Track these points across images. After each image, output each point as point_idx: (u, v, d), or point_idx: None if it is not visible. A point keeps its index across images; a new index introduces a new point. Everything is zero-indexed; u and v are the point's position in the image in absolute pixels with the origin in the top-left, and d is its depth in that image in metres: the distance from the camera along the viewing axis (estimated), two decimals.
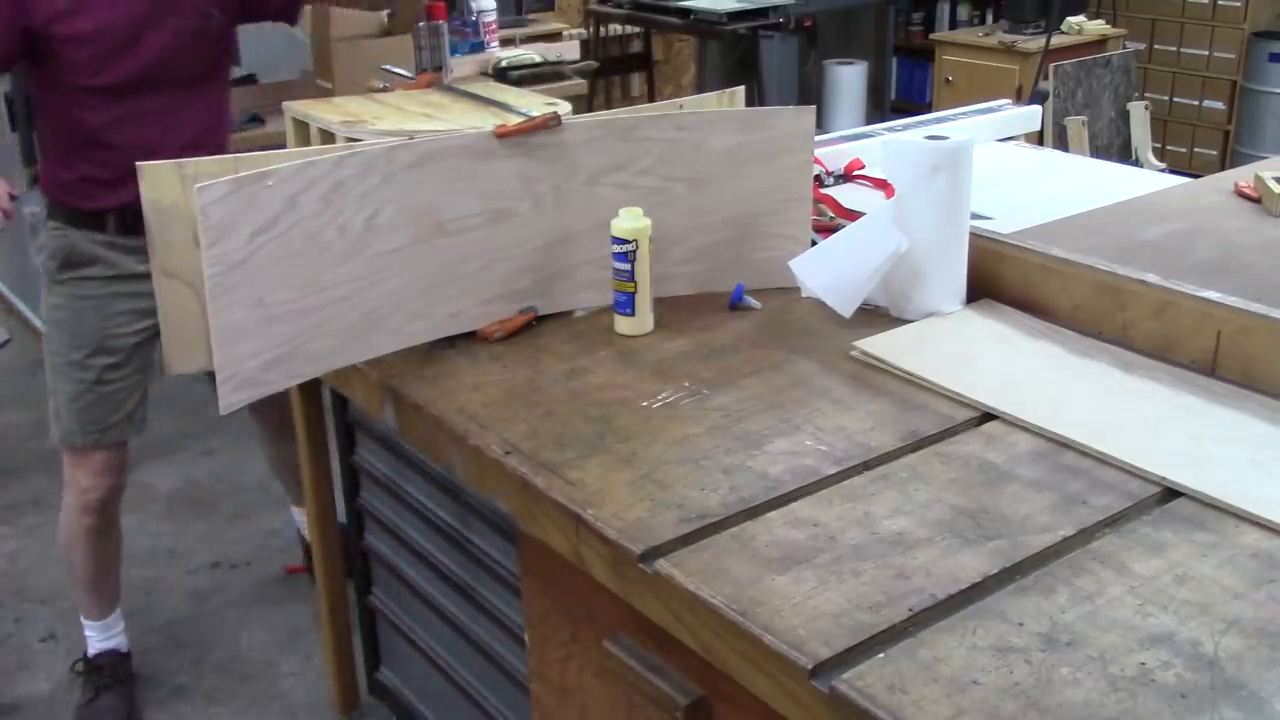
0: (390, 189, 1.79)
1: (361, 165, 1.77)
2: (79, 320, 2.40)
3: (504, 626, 1.88)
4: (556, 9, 5.88)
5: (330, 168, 1.75)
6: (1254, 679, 1.11)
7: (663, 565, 1.31)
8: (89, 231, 2.37)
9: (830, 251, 1.91)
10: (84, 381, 2.41)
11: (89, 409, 2.43)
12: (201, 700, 2.67)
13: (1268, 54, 5.64)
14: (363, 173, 1.77)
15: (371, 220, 1.78)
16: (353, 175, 1.76)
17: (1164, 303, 1.72)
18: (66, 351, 2.40)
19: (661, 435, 1.57)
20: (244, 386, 1.72)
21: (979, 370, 1.70)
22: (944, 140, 1.83)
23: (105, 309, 2.40)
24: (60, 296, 2.40)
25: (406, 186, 1.80)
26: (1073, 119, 4.28)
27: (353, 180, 1.76)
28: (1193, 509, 1.38)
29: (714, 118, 1.97)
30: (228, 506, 3.45)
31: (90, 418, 2.43)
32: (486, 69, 4.10)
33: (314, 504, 2.40)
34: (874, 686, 1.11)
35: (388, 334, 1.84)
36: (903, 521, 1.37)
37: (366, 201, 1.77)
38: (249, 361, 1.71)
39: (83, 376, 2.41)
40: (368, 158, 1.78)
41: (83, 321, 2.40)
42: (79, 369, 2.40)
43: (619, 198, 1.91)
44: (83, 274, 2.38)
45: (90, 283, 2.39)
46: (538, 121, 1.87)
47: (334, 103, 2.17)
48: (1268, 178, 2.29)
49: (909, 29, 6.64)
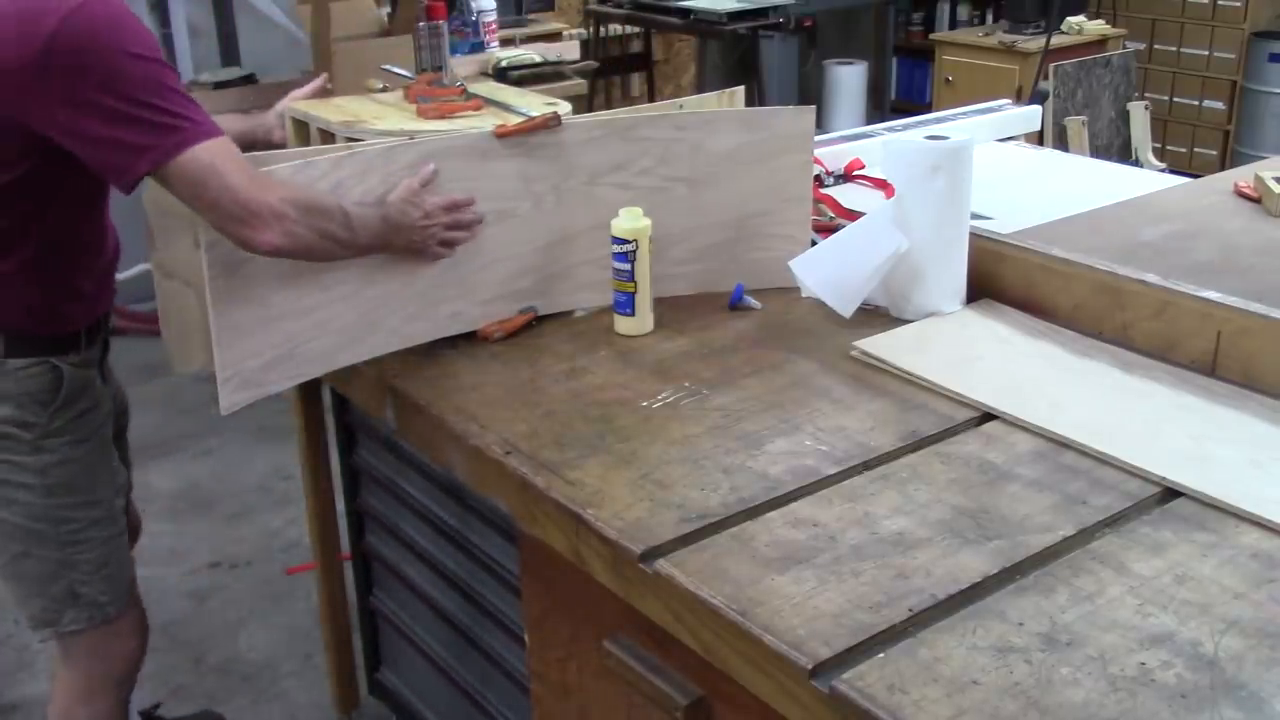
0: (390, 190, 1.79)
1: (361, 166, 1.77)
2: (88, 470, 1.92)
3: (504, 626, 1.88)
4: (556, 9, 5.87)
5: (329, 168, 1.75)
6: (1254, 679, 1.11)
7: (663, 565, 1.31)
8: (67, 355, 1.87)
9: (830, 251, 1.91)
10: (111, 539, 1.97)
11: (119, 566, 2.00)
12: (202, 700, 2.67)
13: (1268, 54, 5.64)
14: (362, 173, 1.77)
15: None
16: (351, 175, 1.76)
17: (1164, 303, 1.72)
18: (81, 512, 1.92)
19: (661, 435, 1.57)
20: (244, 387, 1.71)
21: (979, 370, 1.70)
22: (944, 140, 1.83)
23: (105, 441, 1.97)
24: (54, 451, 1.87)
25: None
26: (1073, 119, 4.28)
27: (351, 180, 1.76)
28: (1193, 509, 1.38)
29: (714, 118, 1.97)
30: (228, 506, 3.45)
31: (120, 575, 2.01)
32: (486, 69, 4.10)
33: (314, 504, 2.39)
34: (874, 686, 1.11)
35: (387, 334, 1.84)
36: (903, 521, 1.36)
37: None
38: (249, 361, 1.71)
39: (109, 533, 1.97)
40: (367, 158, 1.78)
41: (93, 469, 1.93)
42: (103, 526, 1.95)
43: (619, 198, 1.90)
44: (78, 409, 1.89)
45: (84, 419, 1.91)
46: (538, 121, 1.87)
47: (334, 103, 2.17)
48: (1268, 178, 2.29)
49: (909, 29, 6.63)
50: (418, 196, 1.78)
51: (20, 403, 1.83)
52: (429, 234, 1.79)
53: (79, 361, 1.89)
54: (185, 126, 1.62)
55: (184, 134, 1.61)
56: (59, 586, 1.94)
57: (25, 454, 1.85)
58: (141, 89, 1.61)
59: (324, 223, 1.66)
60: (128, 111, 1.60)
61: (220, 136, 1.66)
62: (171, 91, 1.63)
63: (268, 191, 1.61)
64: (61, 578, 1.93)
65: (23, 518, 1.88)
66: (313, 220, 1.64)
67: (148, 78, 1.62)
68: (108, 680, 2.06)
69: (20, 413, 1.83)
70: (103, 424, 1.97)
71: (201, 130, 1.63)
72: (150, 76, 1.62)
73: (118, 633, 2.04)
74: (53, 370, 1.85)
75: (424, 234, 1.79)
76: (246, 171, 1.63)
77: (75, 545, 1.92)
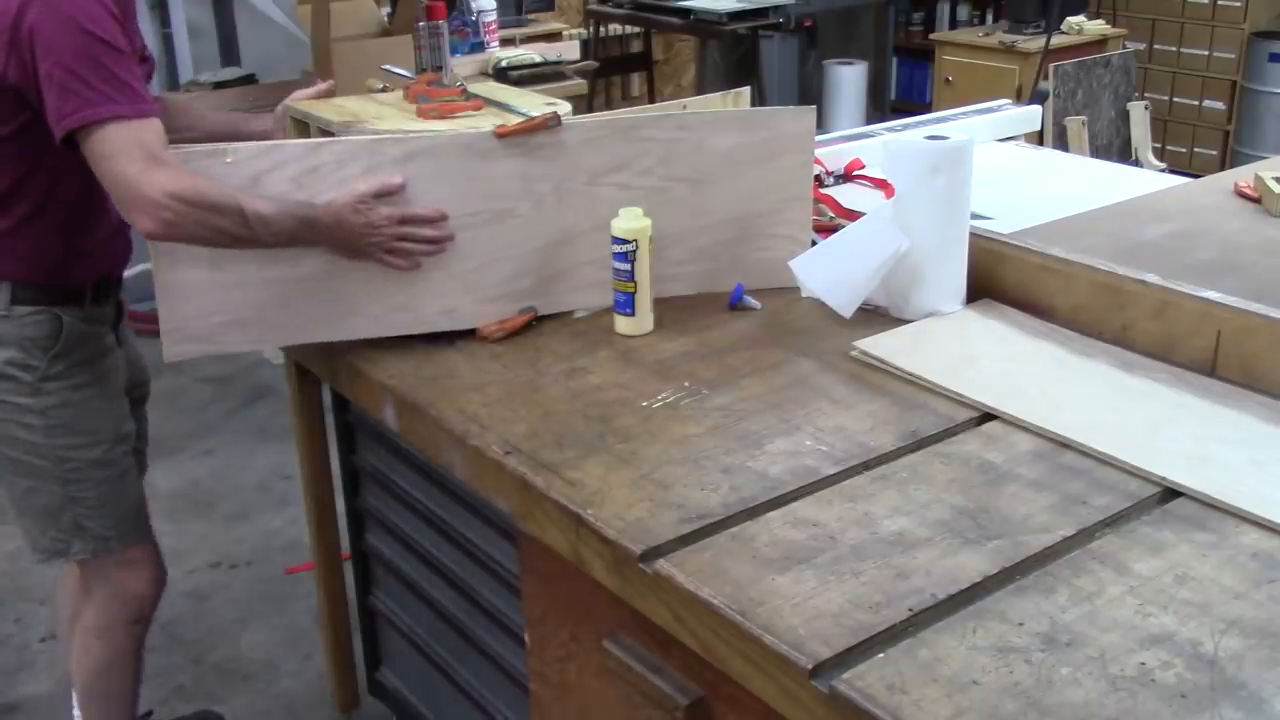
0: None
1: (341, 154, 1.80)
2: (88, 413, 2.04)
3: (504, 626, 1.88)
4: (556, 9, 5.88)
5: (304, 152, 1.79)
6: (1254, 679, 1.11)
7: (663, 565, 1.31)
8: (71, 308, 2.00)
9: (830, 252, 1.91)
10: (110, 479, 2.09)
11: (123, 504, 2.13)
12: (202, 700, 2.67)
13: (1268, 54, 5.64)
14: (341, 160, 1.80)
15: None
16: (330, 162, 1.80)
17: (1164, 303, 1.72)
18: (80, 452, 2.04)
19: (661, 435, 1.57)
20: (190, 340, 1.82)
21: (979, 370, 1.70)
22: (944, 140, 1.83)
23: (106, 390, 2.08)
24: (54, 394, 1.99)
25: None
26: (1073, 119, 4.28)
27: (329, 167, 1.80)
28: (1193, 509, 1.38)
29: (714, 118, 1.97)
30: (228, 506, 3.45)
31: (128, 513, 2.15)
32: (486, 69, 4.11)
33: (314, 504, 2.39)
34: (874, 686, 1.11)
35: (368, 320, 1.87)
36: (903, 521, 1.36)
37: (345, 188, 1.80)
38: (196, 320, 1.81)
39: (108, 474, 2.08)
40: (349, 147, 1.81)
41: (93, 413, 2.05)
42: (100, 467, 2.07)
43: (620, 198, 1.90)
44: (78, 358, 2.02)
45: (85, 367, 2.03)
46: (538, 121, 1.87)
47: (334, 102, 2.17)
48: (1268, 178, 2.29)
49: (909, 29, 6.64)
50: (364, 203, 1.80)
51: (23, 347, 1.96)
52: (372, 242, 1.82)
53: (83, 315, 2.01)
54: (102, 102, 1.73)
55: (98, 109, 1.72)
56: (65, 519, 2.07)
57: (27, 395, 1.98)
58: (75, 59, 1.73)
59: (212, 218, 1.73)
60: (59, 78, 1.73)
61: (141, 121, 1.75)
62: (103, 69, 1.74)
63: (156, 182, 1.71)
64: (67, 510, 2.07)
65: (26, 454, 2.02)
66: (198, 214, 1.72)
67: (85, 51, 1.73)
68: (123, 618, 2.22)
69: (23, 355, 1.97)
70: (107, 375, 2.08)
71: (121, 110, 1.73)
72: (87, 50, 1.73)
73: (130, 564, 2.18)
74: (54, 319, 1.97)
75: (366, 241, 1.81)
76: (148, 158, 1.73)
77: (76, 483, 2.05)
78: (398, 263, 1.85)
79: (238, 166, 1.76)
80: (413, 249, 1.84)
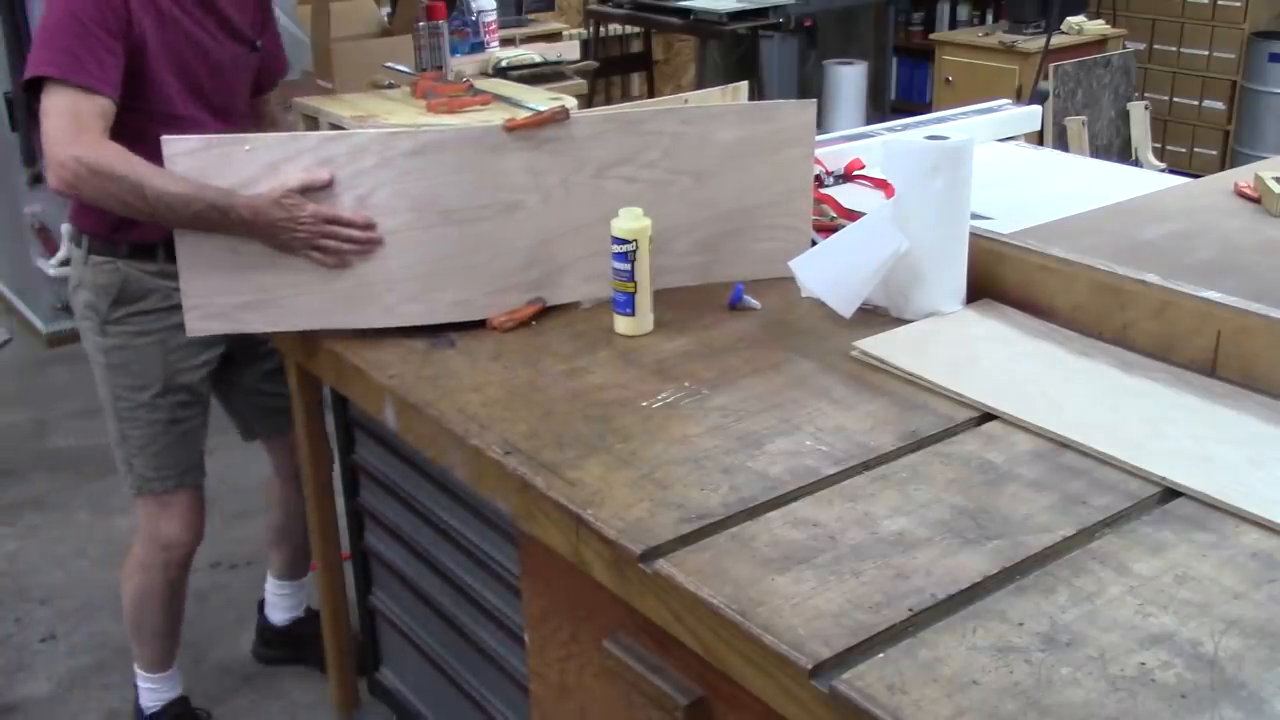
0: (387, 172, 1.84)
1: (354, 147, 1.83)
2: (141, 359, 2.24)
3: (504, 626, 1.88)
4: (556, 9, 5.88)
5: (318, 143, 1.84)
6: (1254, 679, 1.11)
7: (663, 565, 1.31)
8: (139, 262, 2.20)
9: (830, 251, 1.91)
10: (157, 423, 2.28)
11: (166, 451, 2.30)
12: (201, 700, 2.67)
13: (1268, 54, 5.64)
14: (354, 153, 1.83)
15: (365, 199, 1.85)
16: (343, 154, 1.83)
17: (1164, 303, 1.72)
18: (132, 394, 2.25)
19: (661, 435, 1.57)
20: (214, 318, 1.89)
21: (979, 370, 1.70)
22: (944, 140, 1.83)
23: (168, 343, 2.24)
24: (116, 337, 2.23)
25: (405, 172, 1.85)
26: (1073, 119, 4.28)
27: (343, 159, 1.83)
28: (1193, 509, 1.38)
29: (718, 111, 2.00)
30: (228, 506, 3.44)
31: (169, 460, 2.31)
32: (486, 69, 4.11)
33: (314, 504, 2.39)
34: (874, 686, 1.11)
35: (382, 309, 1.89)
36: (903, 521, 1.36)
37: (359, 180, 1.84)
38: (220, 298, 1.87)
39: (154, 418, 2.27)
40: (361, 140, 1.84)
41: (146, 360, 2.24)
42: (148, 410, 2.26)
43: (626, 191, 1.92)
44: (139, 308, 2.22)
45: (148, 317, 2.23)
46: (547, 115, 1.88)
47: (345, 99, 2.18)
48: (1268, 178, 2.29)
49: (909, 29, 6.64)
50: (289, 198, 1.84)
51: (95, 291, 2.23)
52: (296, 237, 1.86)
53: (156, 270, 2.20)
54: (57, 66, 1.96)
55: (48, 69, 1.96)
56: (120, 453, 2.32)
57: (96, 334, 2.25)
58: (55, 23, 1.99)
59: (109, 185, 1.91)
60: (39, 34, 2.02)
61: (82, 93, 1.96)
62: (69, 39, 1.97)
63: (69, 145, 1.92)
64: (121, 446, 2.31)
65: (101, 386, 2.29)
66: (96, 181, 1.92)
67: (63, 20, 1.98)
68: (157, 562, 2.40)
69: (95, 299, 2.23)
70: (172, 330, 2.21)
71: (69, 76, 1.95)
72: (64, 20, 1.98)
73: (165, 513, 2.35)
74: (117, 271, 2.21)
75: (288, 235, 1.85)
76: (74, 124, 1.94)
77: (127, 421, 2.28)
78: (324, 260, 1.87)
79: (256, 155, 1.82)
80: (338, 247, 1.87)
